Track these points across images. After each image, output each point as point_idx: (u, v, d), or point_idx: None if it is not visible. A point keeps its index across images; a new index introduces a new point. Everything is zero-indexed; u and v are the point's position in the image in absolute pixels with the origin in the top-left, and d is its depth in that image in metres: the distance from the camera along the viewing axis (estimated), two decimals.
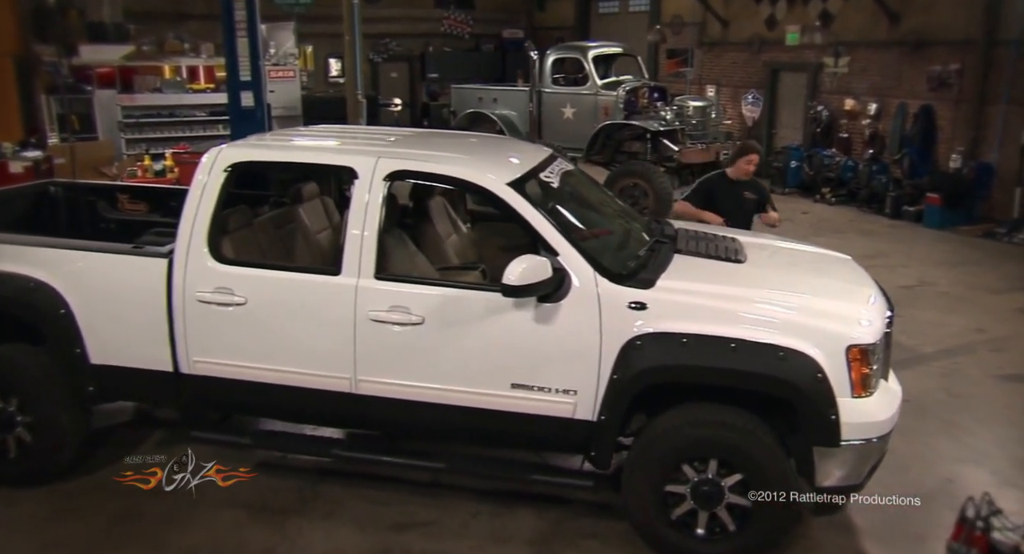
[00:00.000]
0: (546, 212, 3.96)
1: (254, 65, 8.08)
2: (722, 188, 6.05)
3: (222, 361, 4.17)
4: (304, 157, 4.35)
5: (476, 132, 5.55)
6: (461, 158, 4.27)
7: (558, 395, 3.86)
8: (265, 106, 8.53)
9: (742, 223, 5.94)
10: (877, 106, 13.13)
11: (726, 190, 6.02)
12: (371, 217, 4.01)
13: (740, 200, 5.98)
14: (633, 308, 3.76)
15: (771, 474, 3.69)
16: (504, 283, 3.64)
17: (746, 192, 6.01)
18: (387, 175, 4.05)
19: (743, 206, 5.99)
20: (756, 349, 3.63)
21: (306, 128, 5.53)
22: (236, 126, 8.29)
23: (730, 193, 6.00)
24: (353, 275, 3.99)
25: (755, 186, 6.14)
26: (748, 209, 6.04)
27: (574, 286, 3.80)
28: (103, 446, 4.78)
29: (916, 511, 4.00)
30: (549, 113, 12.01)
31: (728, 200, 5.98)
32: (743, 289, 3.98)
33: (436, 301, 3.95)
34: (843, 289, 4.20)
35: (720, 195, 6.02)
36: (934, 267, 9.50)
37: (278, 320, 4.09)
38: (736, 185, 6.02)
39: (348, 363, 4.03)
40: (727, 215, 5.92)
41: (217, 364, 4.18)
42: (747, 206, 6.01)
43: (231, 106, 8.56)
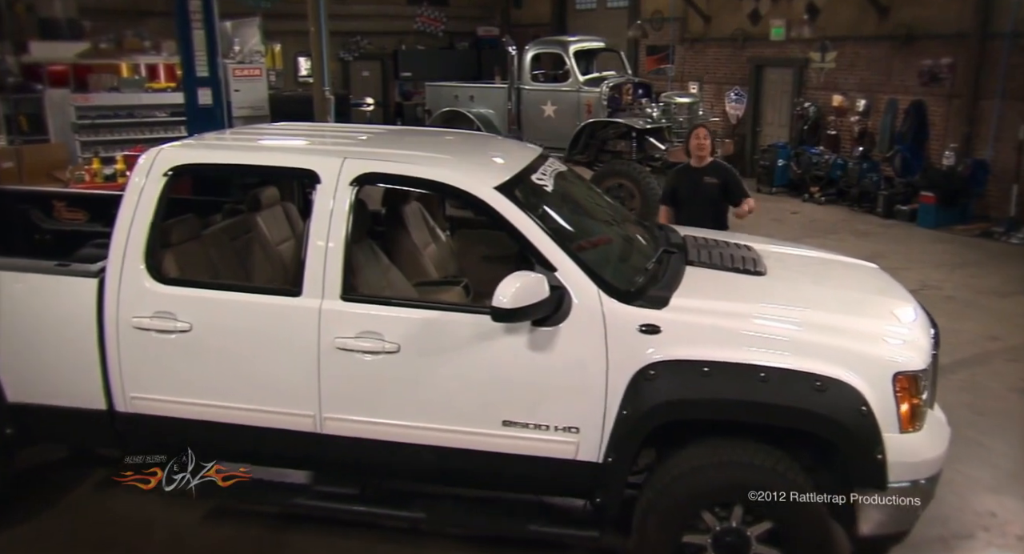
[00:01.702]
0: (541, 220, 3.40)
1: (211, 60, 7.45)
2: (681, 178, 5.65)
3: (164, 397, 3.58)
4: (257, 159, 3.74)
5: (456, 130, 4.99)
6: (441, 158, 3.69)
7: (557, 433, 3.31)
8: (224, 104, 7.89)
9: (707, 213, 5.48)
10: (866, 102, 12.72)
11: (685, 177, 5.62)
12: (336, 228, 3.43)
13: (699, 186, 5.52)
14: (644, 332, 3.22)
15: (805, 522, 3.16)
16: (494, 306, 3.08)
17: (706, 177, 5.55)
18: (354, 179, 3.48)
19: (704, 192, 5.52)
20: (790, 379, 3.10)
21: (268, 126, 4.93)
22: (193, 126, 7.66)
23: (688, 181, 5.57)
24: (316, 296, 3.41)
25: (717, 170, 5.65)
26: (710, 196, 5.55)
27: (575, 306, 3.26)
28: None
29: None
30: (529, 111, 11.45)
31: (687, 187, 5.56)
32: (769, 307, 3.46)
33: (413, 325, 3.38)
34: (881, 304, 3.69)
35: (680, 184, 5.63)
36: (935, 269, 9.08)
37: (229, 349, 3.51)
38: (696, 172, 5.60)
39: (312, 399, 3.46)
40: (686, 205, 5.50)
41: (158, 401, 3.59)
42: (708, 192, 5.53)
43: (188, 105, 7.92)
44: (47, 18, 13.53)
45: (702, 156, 5.59)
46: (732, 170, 5.77)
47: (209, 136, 4.32)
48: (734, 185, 5.64)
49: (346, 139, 4.20)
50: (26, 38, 12.99)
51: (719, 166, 5.74)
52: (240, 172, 3.92)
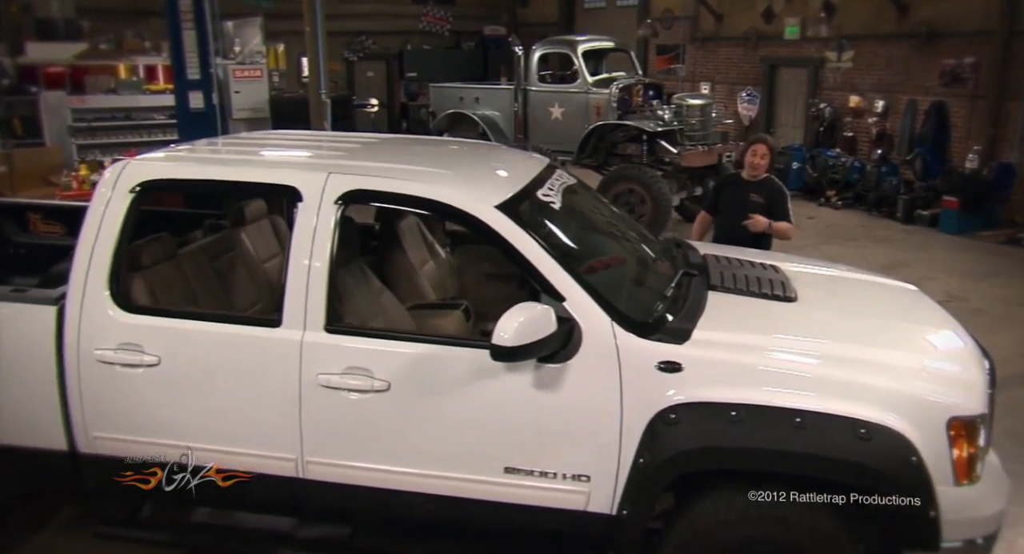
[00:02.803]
0: (547, 243, 3.04)
1: (203, 62, 7.10)
2: (729, 187, 5.31)
3: (130, 437, 3.24)
4: (233, 174, 3.37)
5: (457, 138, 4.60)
6: (436, 173, 3.32)
7: (565, 482, 2.96)
8: (218, 108, 7.53)
9: (744, 230, 5.07)
10: (884, 103, 12.32)
11: (732, 189, 5.27)
12: (320, 251, 3.08)
13: (743, 201, 5.14)
14: (663, 370, 2.86)
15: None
16: (494, 343, 2.73)
17: (752, 194, 5.16)
18: (340, 196, 3.12)
19: (745, 209, 5.12)
20: (829, 425, 2.73)
21: (253, 134, 4.57)
22: (184, 131, 7.32)
23: (734, 192, 5.22)
24: (297, 327, 3.07)
25: (768, 188, 5.24)
26: (754, 211, 5.13)
27: (585, 341, 2.90)
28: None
29: None
30: (536, 113, 11.07)
31: (730, 200, 5.21)
32: (803, 340, 3.09)
33: (405, 361, 3.02)
34: (928, 336, 3.31)
35: (724, 195, 5.29)
36: (961, 279, 8.67)
37: (201, 386, 3.16)
38: (745, 185, 5.22)
39: (293, 440, 3.11)
40: (724, 216, 5.18)
41: (124, 441, 3.24)
42: (750, 209, 5.13)
43: (178, 108, 7.60)
44: (44, 18, 13.23)
45: (755, 174, 5.17)
46: (783, 192, 5.29)
47: (172, 148, 3.96)
48: (779, 208, 5.18)
49: (334, 150, 3.84)
50: (22, 39, 12.71)
51: (770, 185, 5.26)
52: (215, 189, 3.54)
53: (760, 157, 5.14)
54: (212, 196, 4.42)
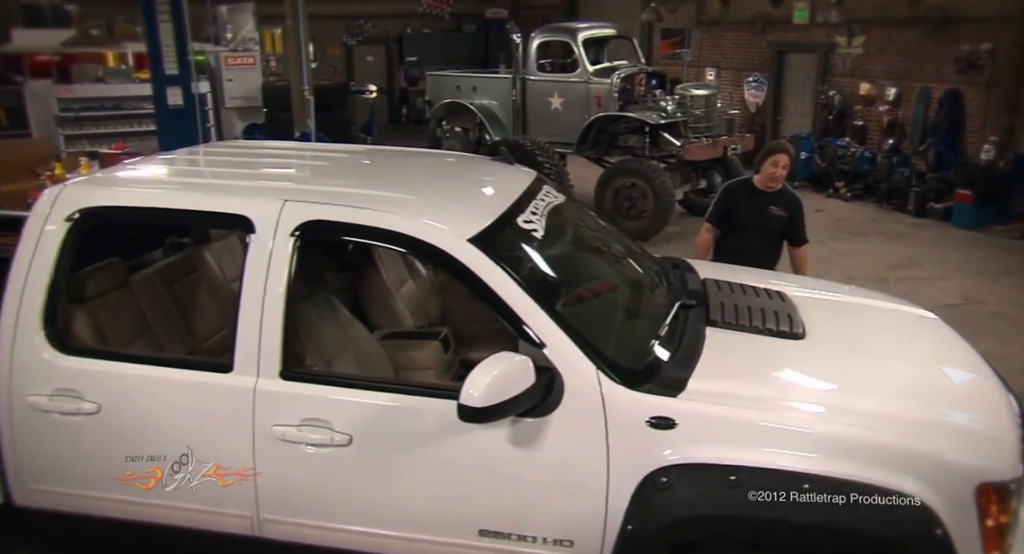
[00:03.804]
0: (527, 281, 2.72)
1: (181, 56, 6.74)
2: (743, 198, 4.78)
3: (70, 490, 2.96)
4: (180, 201, 3.02)
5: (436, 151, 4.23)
6: (404, 201, 2.98)
7: (546, 547, 2.67)
8: (197, 103, 7.19)
9: (765, 246, 4.72)
10: (896, 91, 11.85)
11: (747, 200, 4.76)
12: (274, 289, 2.78)
13: (764, 215, 4.71)
14: (655, 426, 2.55)
15: None
16: (462, 403, 2.42)
17: (772, 207, 4.72)
18: (296, 228, 2.81)
19: (767, 223, 4.71)
20: (841, 491, 2.42)
21: (216, 145, 4.23)
22: (164, 129, 6.98)
23: (752, 205, 4.73)
24: (250, 373, 2.77)
25: (786, 200, 4.79)
26: (773, 228, 4.74)
27: (567, 392, 2.59)
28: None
29: None
30: (534, 103, 10.69)
31: (748, 213, 4.73)
32: (813, 389, 2.78)
33: (368, 412, 2.73)
34: (951, 380, 2.99)
35: (740, 207, 4.76)
36: (976, 279, 8.31)
37: (146, 437, 2.86)
38: (761, 196, 4.73)
39: (247, 497, 2.83)
40: (740, 233, 4.71)
41: (64, 494, 2.97)
42: (772, 224, 4.72)
43: (157, 106, 7.24)
44: (30, 4, 12.90)
45: (772, 186, 4.73)
46: (801, 204, 4.90)
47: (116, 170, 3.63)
48: (799, 223, 4.79)
49: (299, 169, 3.51)
50: (8, 26, 12.36)
51: (789, 196, 4.83)
52: (160, 218, 3.16)
53: (782, 168, 4.65)
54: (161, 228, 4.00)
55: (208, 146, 3.99)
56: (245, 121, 12.93)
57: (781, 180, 4.71)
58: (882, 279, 8.27)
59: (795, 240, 4.81)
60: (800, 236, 4.82)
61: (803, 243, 4.83)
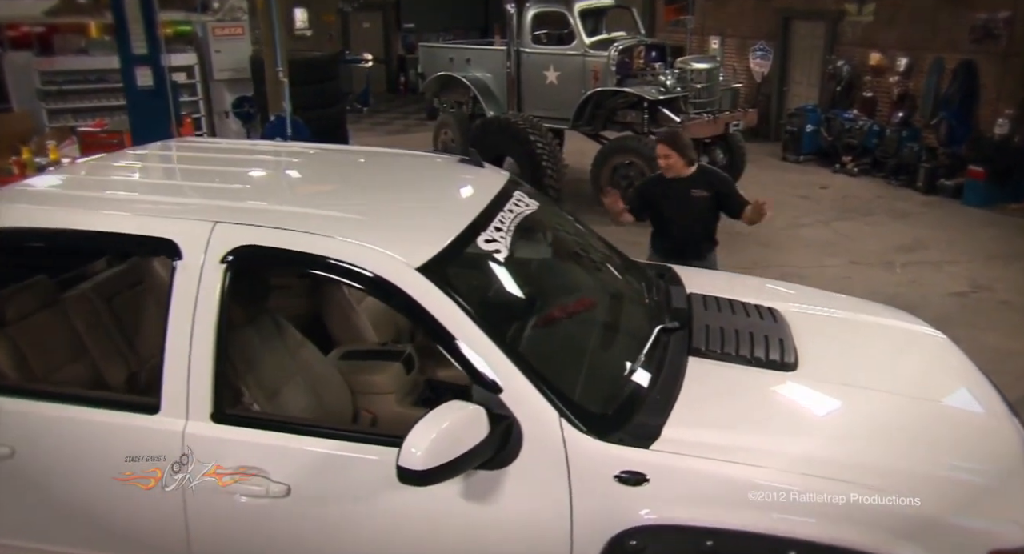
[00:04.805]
0: (484, 315, 2.43)
1: (150, 34, 6.36)
2: (660, 191, 4.75)
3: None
4: (95, 222, 2.68)
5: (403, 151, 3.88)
6: (346, 221, 2.66)
7: None
8: (168, 85, 6.82)
9: (698, 231, 4.77)
10: (908, 61, 11.38)
11: (666, 192, 4.73)
12: (204, 321, 2.49)
13: (687, 200, 4.67)
14: (624, 481, 2.27)
15: None
16: (401, 466, 2.14)
17: (693, 190, 4.69)
18: (227, 254, 2.51)
19: (693, 208, 4.69)
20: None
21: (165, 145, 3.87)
22: (134, 112, 6.64)
23: (673, 195, 4.69)
24: (178, 415, 2.50)
25: (706, 179, 4.77)
26: (702, 209, 4.72)
27: (527, 442, 2.32)
28: None
29: None
30: (529, 77, 10.26)
31: (671, 203, 4.70)
32: (804, 436, 2.48)
33: (308, 461, 2.46)
34: (960, 424, 2.68)
35: (661, 201, 4.73)
36: (986, 263, 7.97)
37: (65, 485, 2.60)
38: (678, 184, 4.68)
39: (179, 549, 2.57)
40: (674, 224, 4.71)
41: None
42: (697, 206, 4.70)
43: (127, 88, 6.87)
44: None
45: (674, 173, 4.67)
46: (723, 177, 4.93)
47: (29, 183, 3.31)
48: (727, 195, 4.72)
49: (239, 183, 3.17)
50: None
51: (708, 174, 4.86)
52: (70, 242, 2.79)
53: (664, 157, 4.65)
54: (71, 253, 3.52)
55: (153, 147, 3.65)
56: (235, 94, 12.55)
57: (674, 168, 4.65)
58: (888, 263, 7.96)
59: (734, 210, 4.72)
60: (738, 204, 4.71)
61: (745, 206, 4.68)
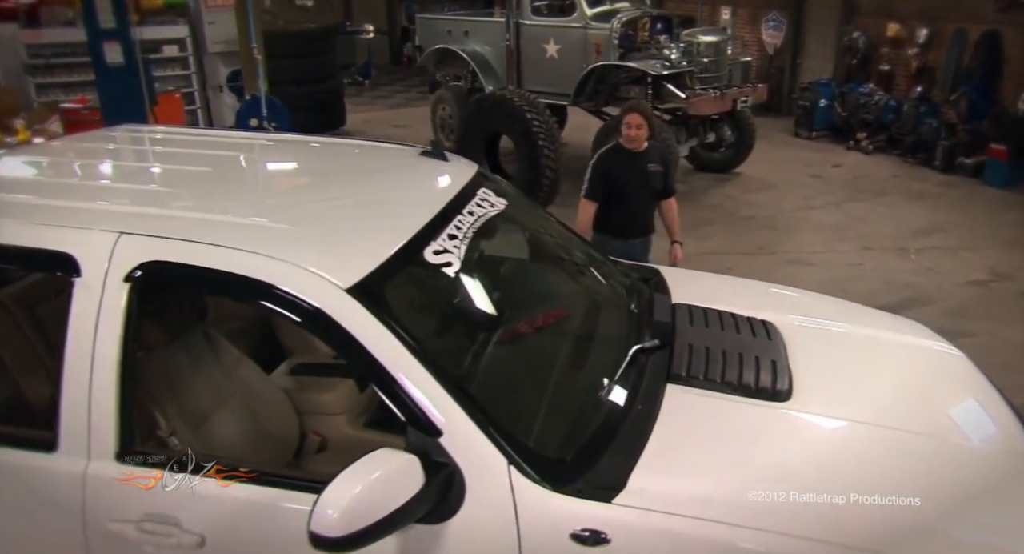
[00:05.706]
0: (424, 344, 2.09)
1: (118, 7, 5.98)
2: (619, 164, 4.62)
3: None
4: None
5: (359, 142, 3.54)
6: (271, 231, 2.33)
7: None
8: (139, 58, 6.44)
9: (648, 205, 4.75)
10: (928, 32, 10.85)
11: (625, 164, 4.60)
12: (106, 347, 2.17)
13: (644, 175, 4.64)
14: (582, 541, 1.95)
15: None
16: (313, 531, 1.82)
17: (651, 165, 4.67)
18: (132, 271, 2.18)
19: (648, 183, 4.67)
20: None
21: (103, 134, 3.53)
22: (103, 90, 6.29)
23: (631, 167, 4.64)
24: (79, 454, 2.19)
25: (660, 154, 4.82)
26: (654, 185, 4.70)
27: (470, 493, 1.99)
28: None
29: None
30: (529, 50, 9.82)
31: (629, 176, 4.60)
32: (792, 487, 2.13)
33: (224, 510, 2.15)
34: (972, 465, 2.33)
35: (619, 173, 4.59)
36: (1007, 249, 7.55)
37: None
38: (638, 157, 4.62)
39: None
40: (629, 198, 4.60)
41: None
42: (652, 182, 4.68)
43: (95, 64, 6.51)
44: None
45: (634, 138, 4.57)
46: (673, 154, 5.03)
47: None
48: (671, 175, 4.83)
49: (159, 184, 2.82)
50: None
51: (661, 149, 4.96)
52: None
53: (636, 128, 4.53)
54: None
55: (92, 136, 3.30)
56: (229, 67, 12.15)
57: (641, 140, 4.57)
58: (902, 249, 7.56)
59: (666, 193, 4.79)
60: (670, 187, 4.82)
61: (672, 194, 4.83)
